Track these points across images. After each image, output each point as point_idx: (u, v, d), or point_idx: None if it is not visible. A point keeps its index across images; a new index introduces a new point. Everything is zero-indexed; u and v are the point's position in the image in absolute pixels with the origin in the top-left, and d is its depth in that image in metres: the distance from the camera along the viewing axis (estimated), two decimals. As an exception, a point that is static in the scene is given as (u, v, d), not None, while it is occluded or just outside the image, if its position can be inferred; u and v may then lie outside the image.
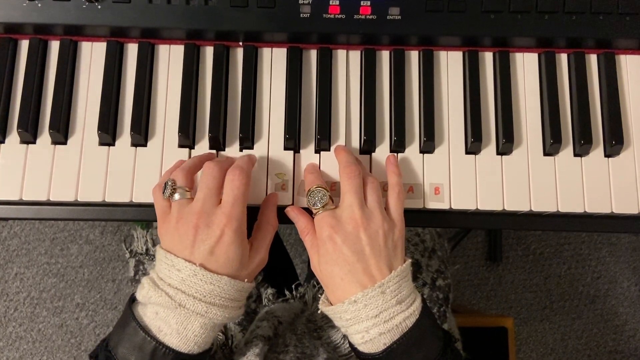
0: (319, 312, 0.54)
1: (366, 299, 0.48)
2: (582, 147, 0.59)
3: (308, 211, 0.56)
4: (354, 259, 0.50)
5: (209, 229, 0.49)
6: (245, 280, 0.51)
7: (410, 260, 0.53)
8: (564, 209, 0.58)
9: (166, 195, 0.51)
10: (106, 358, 0.49)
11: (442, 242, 0.84)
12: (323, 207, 0.52)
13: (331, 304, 0.52)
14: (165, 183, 0.52)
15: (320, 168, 0.59)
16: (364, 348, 0.50)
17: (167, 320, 0.48)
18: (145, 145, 0.59)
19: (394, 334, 0.48)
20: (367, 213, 0.51)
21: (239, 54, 0.61)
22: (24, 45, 0.61)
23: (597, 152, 0.60)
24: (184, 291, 0.48)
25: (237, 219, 0.50)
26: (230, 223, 0.49)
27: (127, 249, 0.80)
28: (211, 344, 0.53)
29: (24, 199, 0.57)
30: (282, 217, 0.57)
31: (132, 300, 0.52)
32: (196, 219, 0.49)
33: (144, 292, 0.49)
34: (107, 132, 0.58)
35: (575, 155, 0.60)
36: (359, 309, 0.49)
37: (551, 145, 0.58)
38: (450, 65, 0.62)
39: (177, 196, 0.51)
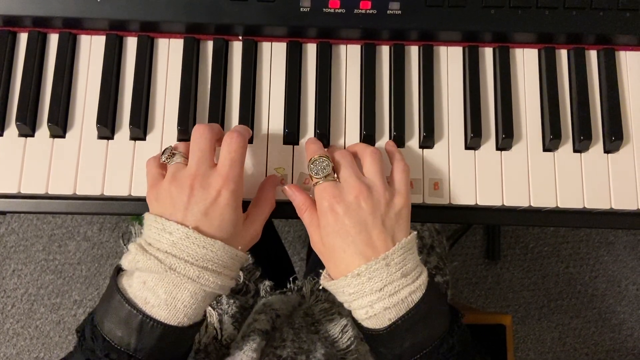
0: (320, 287, 0.52)
1: (370, 271, 0.47)
2: (582, 142, 0.59)
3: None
4: (356, 230, 0.48)
5: (204, 190, 0.48)
6: (239, 248, 0.50)
7: (415, 232, 0.51)
8: (563, 204, 0.58)
9: (164, 158, 0.50)
10: (92, 333, 0.47)
11: (440, 238, 0.84)
12: (325, 177, 0.51)
13: (333, 279, 0.50)
14: (164, 150, 0.51)
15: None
16: (368, 324, 0.49)
17: (154, 290, 0.46)
18: (144, 138, 0.59)
19: (399, 309, 0.47)
20: (368, 182, 0.50)
21: (238, 48, 0.61)
22: (23, 38, 0.60)
23: (597, 147, 0.60)
24: (174, 255, 0.46)
25: (234, 181, 0.49)
26: (227, 184, 0.48)
27: (124, 245, 0.79)
28: (202, 316, 0.50)
29: (22, 192, 0.57)
30: (280, 212, 0.57)
31: (118, 271, 0.49)
32: (191, 180, 0.48)
33: (131, 257, 0.47)
34: (106, 125, 0.58)
35: (575, 151, 0.60)
36: (362, 282, 0.47)
37: (551, 140, 0.58)
38: (450, 60, 0.61)
39: (175, 159, 0.50)
